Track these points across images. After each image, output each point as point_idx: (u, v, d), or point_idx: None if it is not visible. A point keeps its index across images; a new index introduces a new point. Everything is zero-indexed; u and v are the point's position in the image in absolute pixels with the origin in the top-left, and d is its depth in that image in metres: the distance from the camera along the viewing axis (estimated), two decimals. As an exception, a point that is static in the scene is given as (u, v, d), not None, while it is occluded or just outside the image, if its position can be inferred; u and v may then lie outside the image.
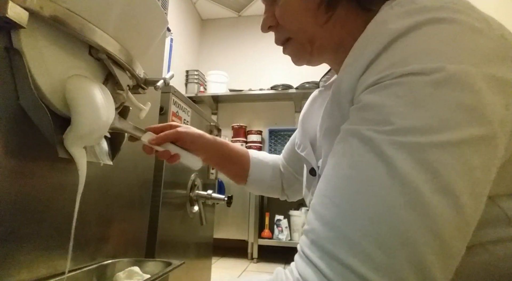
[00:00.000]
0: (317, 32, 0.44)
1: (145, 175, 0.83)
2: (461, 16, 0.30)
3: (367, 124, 0.29)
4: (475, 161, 0.26)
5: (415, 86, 0.28)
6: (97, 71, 0.53)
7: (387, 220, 0.25)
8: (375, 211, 0.26)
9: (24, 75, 0.41)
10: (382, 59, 0.31)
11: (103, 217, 0.65)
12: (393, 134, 0.27)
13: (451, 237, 0.25)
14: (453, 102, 0.27)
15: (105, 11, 0.47)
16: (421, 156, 0.26)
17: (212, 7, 3.20)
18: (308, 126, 0.58)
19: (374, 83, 0.30)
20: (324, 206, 0.29)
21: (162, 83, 0.63)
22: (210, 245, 1.44)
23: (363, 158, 0.28)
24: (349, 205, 0.27)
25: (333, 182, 0.30)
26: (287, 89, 2.77)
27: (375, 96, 0.30)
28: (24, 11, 0.37)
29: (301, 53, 0.48)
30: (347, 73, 0.34)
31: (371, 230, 0.25)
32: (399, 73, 0.29)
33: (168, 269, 0.57)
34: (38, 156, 0.47)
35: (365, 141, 0.29)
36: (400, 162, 0.26)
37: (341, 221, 0.27)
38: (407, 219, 0.25)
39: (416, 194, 0.25)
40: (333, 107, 0.38)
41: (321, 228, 0.28)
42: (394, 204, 0.25)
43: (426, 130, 0.26)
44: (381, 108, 0.29)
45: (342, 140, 0.32)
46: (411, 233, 0.25)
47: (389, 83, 0.29)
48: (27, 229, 0.46)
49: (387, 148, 0.27)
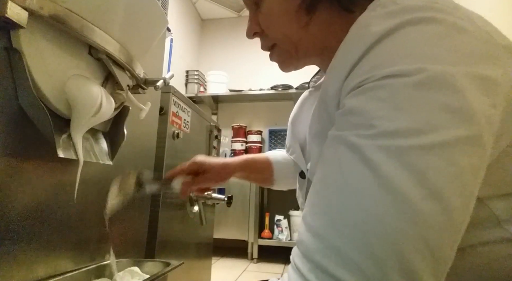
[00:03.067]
0: (300, 36, 0.45)
1: (145, 175, 0.83)
2: (443, 15, 0.30)
3: (351, 129, 0.29)
4: (462, 162, 0.26)
5: (397, 88, 0.27)
6: (97, 71, 0.53)
7: (376, 230, 0.24)
8: (364, 220, 0.25)
9: (23, 75, 0.41)
10: (364, 62, 0.30)
11: (103, 217, 0.65)
12: (377, 138, 0.27)
13: (441, 243, 0.25)
14: (436, 103, 0.26)
15: (105, 11, 0.47)
16: (407, 160, 0.25)
17: (212, 7, 3.20)
18: (298, 128, 0.58)
19: (356, 87, 0.30)
20: (314, 217, 0.29)
21: (162, 83, 0.63)
22: (210, 245, 1.44)
23: (350, 165, 0.28)
24: (337, 215, 0.27)
25: (322, 192, 0.30)
26: (287, 89, 2.77)
27: (358, 100, 0.29)
28: (23, 11, 0.37)
29: (287, 59, 0.48)
30: (332, 77, 0.34)
31: (360, 240, 0.25)
32: (380, 75, 0.28)
33: (167, 269, 0.57)
34: (38, 156, 0.47)
35: (351, 147, 0.28)
36: (386, 168, 0.25)
37: (330, 231, 0.26)
38: (397, 227, 0.24)
39: (405, 201, 0.24)
40: (321, 111, 0.38)
41: (311, 240, 0.28)
42: (382, 212, 0.25)
43: (411, 132, 0.26)
44: (364, 112, 0.28)
45: (329, 147, 0.31)
46: (401, 241, 0.24)
47: (371, 85, 0.29)
48: (27, 229, 0.46)
49: (373, 154, 0.26)
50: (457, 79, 0.27)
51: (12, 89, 0.42)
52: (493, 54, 0.29)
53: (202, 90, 3.02)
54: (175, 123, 1.03)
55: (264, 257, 2.35)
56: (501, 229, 0.33)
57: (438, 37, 0.29)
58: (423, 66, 0.27)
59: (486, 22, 0.32)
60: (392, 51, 0.29)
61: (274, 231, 2.41)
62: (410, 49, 0.28)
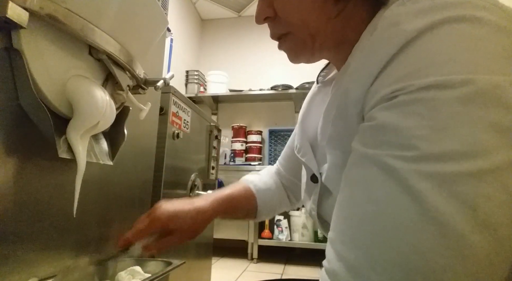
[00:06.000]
0: (321, 27, 0.40)
1: (145, 175, 0.83)
2: (484, 13, 0.26)
3: (386, 148, 0.26)
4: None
5: (440, 102, 0.24)
6: (97, 71, 0.53)
7: (422, 267, 0.22)
8: (407, 257, 0.22)
9: (24, 75, 0.41)
10: (394, 66, 0.27)
11: (103, 217, 0.65)
12: (419, 162, 0.24)
13: (490, 276, 0.23)
14: (486, 122, 0.23)
15: (105, 11, 0.47)
16: (454, 188, 0.22)
17: (212, 7, 3.20)
18: (308, 126, 0.54)
19: (388, 98, 0.27)
20: (346, 246, 0.26)
21: (162, 83, 0.63)
22: (210, 245, 1.44)
23: (386, 192, 0.25)
24: (375, 248, 0.24)
25: (351, 218, 0.27)
26: (287, 89, 2.77)
27: (393, 115, 0.26)
28: (24, 11, 0.37)
29: (300, 49, 0.43)
30: (355, 81, 0.31)
31: (402, 278, 0.22)
32: (417, 85, 0.25)
33: (169, 269, 0.57)
34: (38, 156, 0.47)
35: (386, 170, 0.25)
36: (431, 197, 0.23)
37: (367, 266, 0.24)
38: (445, 264, 0.22)
39: (453, 235, 0.22)
40: (337, 116, 0.36)
41: (345, 272, 0.25)
42: (428, 248, 0.22)
43: (457, 156, 0.23)
44: (402, 130, 0.25)
45: (357, 166, 0.28)
46: (448, 279, 0.22)
47: (407, 98, 0.25)
48: (27, 229, 0.46)
49: (414, 180, 0.23)
50: (507, 92, 0.24)
51: (13, 90, 0.42)
52: None
53: (202, 90, 3.02)
54: (175, 123, 1.03)
55: (264, 257, 2.35)
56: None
57: (481, 41, 0.25)
58: (469, 77, 0.24)
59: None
60: (428, 55, 0.26)
61: (274, 231, 2.41)
62: (450, 54, 0.25)
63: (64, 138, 0.48)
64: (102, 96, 0.49)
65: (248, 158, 2.85)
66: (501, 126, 0.23)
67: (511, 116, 0.23)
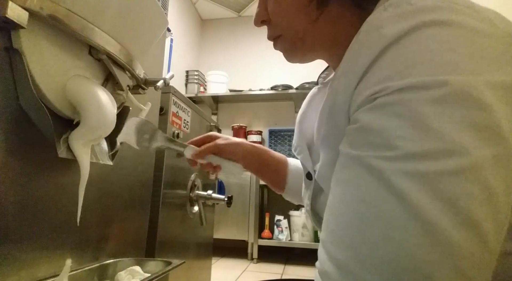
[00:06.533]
0: (307, 29, 0.43)
1: (145, 175, 0.84)
2: (460, 17, 0.27)
3: (370, 149, 0.27)
4: (495, 184, 0.24)
5: (417, 103, 0.25)
6: (97, 71, 0.53)
7: (408, 264, 0.23)
8: (394, 254, 0.23)
9: (24, 75, 0.41)
10: (375, 69, 0.28)
11: (103, 217, 0.65)
12: (401, 161, 0.25)
13: (477, 272, 0.23)
14: (463, 121, 0.24)
15: (105, 11, 0.47)
16: (436, 186, 0.23)
17: (212, 7, 3.20)
18: (305, 127, 0.56)
19: (369, 100, 0.28)
20: (336, 246, 0.27)
21: (162, 83, 0.63)
22: (210, 245, 1.44)
23: (372, 191, 0.26)
24: (363, 247, 0.25)
25: (342, 218, 0.28)
26: (287, 89, 2.77)
27: (374, 116, 0.27)
28: (24, 11, 0.37)
29: (291, 50, 0.47)
30: (342, 83, 0.32)
31: (391, 275, 0.23)
32: (395, 87, 0.26)
33: (168, 268, 0.58)
34: (38, 156, 0.47)
35: (371, 170, 0.26)
36: (413, 195, 0.24)
37: (357, 265, 0.25)
38: (430, 260, 0.23)
39: (437, 232, 0.23)
40: (329, 116, 0.37)
41: (336, 272, 0.26)
42: (413, 245, 0.23)
43: (437, 155, 0.24)
44: (382, 131, 0.26)
45: (345, 166, 0.30)
46: (436, 275, 0.22)
47: (386, 99, 0.27)
48: (27, 229, 0.46)
49: (397, 180, 0.24)
50: (482, 92, 0.25)
51: (13, 90, 0.42)
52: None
53: (202, 90, 3.02)
54: (175, 123, 1.03)
55: (264, 257, 2.35)
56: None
57: (458, 43, 0.26)
58: (444, 78, 0.25)
59: (505, 20, 0.29)
60: (406, 57, 0.27)
61: (274, 231, 2.41)
62: (427, 56, 0.26)
63: (64, 138, 0.48)
64: (111, 109, 0.49)
65: (248, 158, 2.84)
66: (477, 125, 0.24)
67: (485, 115, 0.24)
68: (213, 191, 1.21)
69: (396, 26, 0.28)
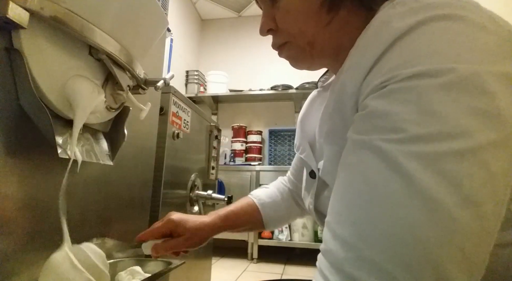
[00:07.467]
0: (317, 34, 0.43)
1: (145, 175, 0.84)
2: (466, 12, 0.29)
3: (377, 133, 0.28)
4: (495, 167, 0.25)
5: (425, 89, 0.26)
6: (97, 72, 0.53)
7: (411, 240, 0.24)
8: (396, 229, 0.24)
9: (24, 75, 0.41)
10: (385, 59, 0.30)
11: (103, 217, 0.65)
12: (407, 143, 0.26)
13: (477, 250, 0.24)
14: (468, 106, 0.25)
15: (105, 11, 0.47)
16: (439, 166, 0.24)
17: (212, 7, 3.21)
18: (307, 127, 0.57)
19: (379, 87, 0.29)
20: (341, 225, 0.28)
21: (162, 84, 0.63)
22: (210, 245, 1.44)
23: (377, 172, 0.26)
24: (367, 223, 0.26)
25: (347, 199, 0.29)
26: (287, 89, 2.77)
27: (383, 102, 0.28)
28: (24, 11, 0.37)
29: (300, 57, 0.47)
30: (350, 75, 0.33)
31: (393, 250, 0.24)
32: (405, 75, 0.27)
33: (168, 268, 0.58)
34: (38, 156, 0.47)
35: (377, 152, 0.27)
36: (418, 175, 0.24)
37: (360, 241, 0.26)
38: (432, 236, 0.23)
39: (439, 210, 0.24)
40: (334, 110, 0.37)
41: (340, 249, 0.27)
42: (416, 221, 0.24)
43: (442, 137, 0.25)
44: (391, 115, 0.27)
45: (351, 152, 0.30)
46: (437, 251, 0.23)
47: (396, 86, 0.28)
48: (27, 229, 0.46)
49: (402, 160, 0.25)
50: (487, 80, 0.26)
51: (13, 90, 0.42)
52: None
53: (202, 90, 3.02)
54: (175, 123, 1.03)
55: (264, 257, 2.35)
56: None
57: (463, 35, 0.28)
58: (451, 66, 0.26)
59: (505, 21, 0.31)
60: (416, 48, 0.28)
61: (274, 231, 2.41)
62: (435, 47, 0.28)
63: (64, 138, 0.48)
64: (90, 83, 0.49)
65: (248, 158, 2.85)
66: (481, 110, 0.25)
67: (489, 101, 0.26)
68: (213, 191, 1.21)
69: (405, 21, 0.30)
